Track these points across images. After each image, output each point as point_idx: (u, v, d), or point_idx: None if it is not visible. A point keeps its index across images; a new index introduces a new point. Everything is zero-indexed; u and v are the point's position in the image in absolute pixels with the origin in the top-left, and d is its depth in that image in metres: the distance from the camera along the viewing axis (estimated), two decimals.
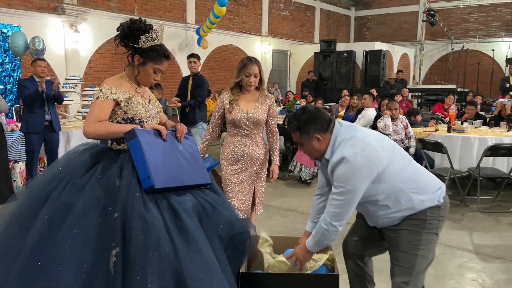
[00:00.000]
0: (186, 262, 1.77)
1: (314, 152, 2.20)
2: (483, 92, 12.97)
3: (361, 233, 2.42)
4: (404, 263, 2.17)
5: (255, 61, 3.12)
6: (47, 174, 2.03)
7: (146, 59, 2.16)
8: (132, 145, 1.99)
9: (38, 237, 1.75)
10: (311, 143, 2.15)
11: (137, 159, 1.97)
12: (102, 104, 2.07)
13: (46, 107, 5.43)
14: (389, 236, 2.23)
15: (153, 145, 2.03)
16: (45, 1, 8.04)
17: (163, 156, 2.05)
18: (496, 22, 14.76)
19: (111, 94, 2.10)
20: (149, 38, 2.13)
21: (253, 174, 3.22)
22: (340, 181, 2.06)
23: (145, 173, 1.93)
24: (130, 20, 2.17)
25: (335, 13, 16.72)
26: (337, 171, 2.06)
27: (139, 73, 2.20)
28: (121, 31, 2.16)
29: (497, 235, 4.22)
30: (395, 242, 2.19)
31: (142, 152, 1.95)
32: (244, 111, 3.13)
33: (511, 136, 5.43)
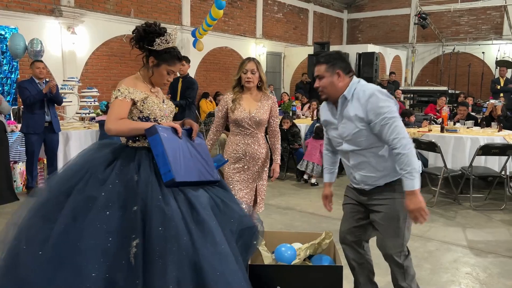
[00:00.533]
0: (203, 253, 1.86)
1: (330, 87, 2.36)
2: (473, 94, 13.19)
3: (353, 220, 2.56)
4: (389, 232, 2.38)
5: (253, 59, 3.28)
6: (69, 170, 2.11)
7: (160, 61, 2.27)
8: (153, 141, 2.09)
9: (64, 228, 1.84)
10: (333, 77, 2.34)
11: (157, 154, 2.06)
12: (121, 103, 2.17)
13: (46, 108, 5.49)
14: (379, 211, 2.39)
15: (172, 141, 2.13)
16: (42, 3, 8.08)
17: (180, 152, 2.15)
18: (486, 25, 15.04)
19: (129, 94, 2.20)
20: (164, 41, 2.24)
21: (255, 172, 3.31)
22: (379, 111, 2.24)
23: (165, 167, 2.02)
24: (146, 23, 2.28)
25: (328, 16, 16.90)
26: (371, 102, 2.25)
27: (153, 74, 2.31)
28: (136, 34, 2.27)
29: (489, 231, 4.36)
30: (383, 214, 2.38)
31: (162, 147, 2.05)
32: (246, 110, 3.22)
33: (502, 136, 5.60)
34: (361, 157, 2.39)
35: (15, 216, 2.08)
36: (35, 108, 5.38)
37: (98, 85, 8.66)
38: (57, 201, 1.95)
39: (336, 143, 2.50)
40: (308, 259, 2.65)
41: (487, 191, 5.59)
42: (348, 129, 2.36)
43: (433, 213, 4.92)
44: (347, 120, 2.36)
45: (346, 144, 2.41)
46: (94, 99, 7.19)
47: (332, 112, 2.46)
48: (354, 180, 2.50)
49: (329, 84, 2.36)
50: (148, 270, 1.80)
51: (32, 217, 1.95)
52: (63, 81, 7.53)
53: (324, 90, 2.39)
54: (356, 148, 2.38)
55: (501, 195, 5.38)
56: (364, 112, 2.28)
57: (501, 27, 14.63)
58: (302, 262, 2.55)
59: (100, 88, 8.11)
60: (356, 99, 2.32)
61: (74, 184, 1.99)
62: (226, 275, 1.87)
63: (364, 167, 2.40)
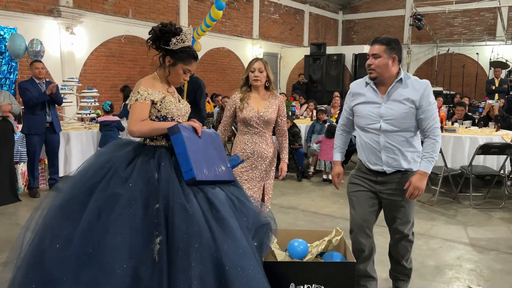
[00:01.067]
0: (225, 249, 1.89)
1: (384, 68, 2.53)
2: (468, 94, 13.34)
3: (368, 206, 2.75)
4: (406, 216, 2.71)
5: (261, 59, 3.34)
6: (90, 168, 2.13)
7: (177, 60, 2.30)
8: (175, 139, 2.13)
9: (89, 226, 1.86)
10: (389, 59, 2.52)
11: (179, 153, 2.10)
12: (141, 105, 2.21)
13: (47, 108, 5.49)
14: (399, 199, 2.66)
15: (193, 141, 2.17)
16: (41, 3, 8.06)
17: (201, 151, 2.19)
18: (480, 27, 15.21)
19: (148, 96, 2.23)
20: (180, 40, 2.27)
21: (263, 171, 3.34)
22: (430, 100, 2.54)
23: (187, 166, 2.06)
24: (161, 23, 2.31)
25: (323, 17, 16.99)
26: (427, 91, 2.54)
27: (170, 73, 2.34)
28: (153, 34, 2.29)
29: (490, 229, 4.44)
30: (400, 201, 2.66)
31: (184, 146, 2.09)
32: (255, 110, 3.25)
33: (500, 136, 5.69)
34: (393, 138, 2.58)
35: (32, 216, 2.10)
36: (36, 109, 5.38)
37: (97, 85, 8.65)
38: (80, 200, 1.97)
39: (370, 121, 2.63)
40: (319, 256, 2.69)
41: (485, 190, 5.68)
42: (395, 110, 2.55)
43: (434, 211, 4.99)
44: (395, 102, 2.56)
45: (384, 124, 2.58)
46: (94, 100, 7.19)
47: (376, 92, 2.62)
48: (378, 162, 2.64)
49: (384, 65, 2.52)
50: (172, 266, 1.83)
51: (56, 216, 1.98)
52: (63, 81, 7.52)
53: (377, 69, 2.54)
54: (394, 129, 2.57)
55: (499, 194, 5.47)
56: (418, 97, 2.52)
57: (495, 28, 14.81)
58: (314, 259, 2.59)
59: (98, 89, 8.09)
60: (411, 85, 2.56)
61: (97, 182, 2.02)
62: (247, 271, 1.90)
63: (392, 148, 2.60)
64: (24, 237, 2.06)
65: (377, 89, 2.61)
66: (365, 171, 2.74)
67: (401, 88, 2.56)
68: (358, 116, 2.70)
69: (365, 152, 2.70)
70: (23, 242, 2.04)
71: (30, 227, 2.07)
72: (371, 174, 2.71)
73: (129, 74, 9.69)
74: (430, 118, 2.53)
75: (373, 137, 2.64)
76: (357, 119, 2.73)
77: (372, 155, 2.66)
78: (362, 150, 2.73)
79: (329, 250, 2.70)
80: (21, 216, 4.79)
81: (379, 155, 2.62)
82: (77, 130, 6.31)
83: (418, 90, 2.53)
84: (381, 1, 17.04)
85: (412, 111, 2.54)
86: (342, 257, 2.64)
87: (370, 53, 2.56)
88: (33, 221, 2.07)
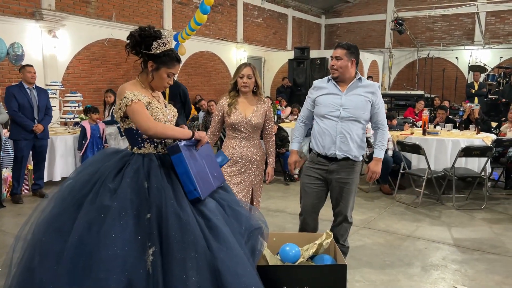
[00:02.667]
0: (220, 257, 1.89)
1: (345, 69, 3.04)
2: (448, 97, 13.63)
3: (316, 197, 3.21)
4: (348, 201, 3.16)
5: (249, 64, 3.34)
6: (78, 181, 2.08)
7: (160, 64, 2.22)
8: (176, 159, 2.09)
9: (79, 240, 1.82)
10: (348, 62, 3.04)
11: (181, 173, 2.07)
12: (138, 106, 2.14)
13: (36, 114, 5.40)
14: (344, 186, 3.12)
15: (192, 157, 2.15)
16: (22, 6, 7.93)
17: (198, 166, 2.18)
18: (458, 31, 15.57)
19: (134, 97, 2.15)
20: (161, 44, 2.20)
21: (251, 175, 3.36)
22: (380, 97, 3.13)
23: (191, 186, 2.04)
24: (140, 28, 2.22)
25: (307, 21, 17.15)
26: (378, 90, 3.11)
27: (153, 78, 2.25)
28: (132, 40, 2.21)
29: (473, 230, 4.55)
30: (346, 188, 3.12)
31: (186, 166, 2.06)
32: (243, 114, 3.27)
33: (481, 138, 5.83)
34: (348, 126, 3.04)
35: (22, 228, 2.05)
36: (25, 115, 5.29)
37: (80, 89, 8.55)
38: (70, 213, 1.93)
39: (331, 109, 3.07)
40: (310, 259, 2.72)
41: (467, 191, 5.81)
42: (353, 101, 3.05)
43: (418, 213, 5.09)
44: (353, 95, 3.07)
45: (344, 112, 3.04)
46: (78, 104, 7.10)
47: (337, 87, 3.10)
48: (332, 146, 3.07)
49: (345, 66, 3.04)
50: (169, 276, 1.81)
51: (44, 231, 1.93)
52: (45, 85, 7.40)
53: (339, 70, 3.05)
54: (350, 116, 3.04)
55: (481, 195, 5.61)
56: (372, 95, 3.08)
57: (473, 33, 15.19)
58: (305, 262, 2.62)
59: (82, 92, 8.00)
60: (367, 84, 3.12)
61: (85, 194, 1.97)
62: (243, 276, 1.91)
63: (345, 135, 3.05)
64: (15, 248, 2.01)
65: (338, 85, 3.11)
66: (317, 161, 3.18)
67: (359, 86, 3.09)
68: (320, 105, 3.14)
69: (321, 138, 3.12)
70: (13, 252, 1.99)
71: (21, 236, 2.02)
72: (323, 163, 3.14)
73: (112, 78, 9.59)
74: (381, 113, 3.13)
75: (331, 124, 3.08)
76: (318, 109, 3.16)
77: (327, 140, 3.08)
78: (319, 137, 3.15)
79: (320, 253, 2.73)
80: (5, 223, 4.70)
81: (334, 140, 3.06)
82: (61, 135, 6.23)
83: (371, 89, 3.09)
84: (363, 6, 17.30)
85: (368, 104, 3.07)
86: (333, 259, 2.67)
87: (334, 56, 3.06)
88: (24, 231, 2.02)
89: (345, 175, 3.11)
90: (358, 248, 3.97)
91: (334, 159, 3.10)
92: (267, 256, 2.66)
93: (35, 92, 5.43)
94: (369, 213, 5.09)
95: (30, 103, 5.34)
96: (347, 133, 3.04)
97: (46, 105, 5.57)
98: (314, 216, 3.26)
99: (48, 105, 5.62)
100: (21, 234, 2.03)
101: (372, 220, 4.83)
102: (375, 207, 5.33)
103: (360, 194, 5.98)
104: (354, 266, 3.53)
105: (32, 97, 5.40)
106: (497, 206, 5.39)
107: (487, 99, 10.65)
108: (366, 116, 3.09)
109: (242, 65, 3.34)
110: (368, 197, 5.82)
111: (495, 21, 14.82)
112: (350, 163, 3.11)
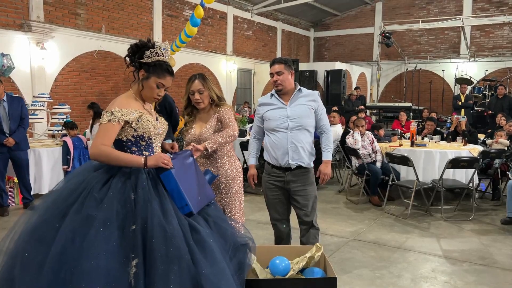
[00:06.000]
0: (204, 272, 1.87)
1: (287, 82, 3.22)
2: (435, 109, 13.82)
3: (283, 206, 3.37)
4: (309, 207, 3.26)
5: (198, 77, 2.98)
6: (64, 190, 2.06)
7: (150, 73, 2.21)
8: (165, 177, 2.09)
9: (62, 250, 1.79)
10: (288, 74, 3.22)
11: (171, 189, 2.07)
12: (112, 128, 2.11)
13: (6, 128, 5.28)
14: (305, 194, 3.25)
15: (180, 173, 2.14)
16: (11, 18, 7.89)
17: (189, 179, 2.18)
18: (445, 45, 15.85)
19: (122, 117, 2.13)
20: (154, 53, 2.21)
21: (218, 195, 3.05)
22: (321, 104, 3.32)
23: (182, 201, 2.05)
24: (140, 40, 2.27)
25: (296, 34, 17.32)
26: (318, 97, 3.31)
27: (143, 87, 2.24)
28: (130, 50, 2.24)
29: (462, 241, 4.57)
30: (305, 195, 3.24)
31: (176, 182, 2.07)
32: (195, 132, 2.98)
33: (468, 150, 5.90)
34: (297, 136, 3.19)
35: (4, 240, 2.02)
36: None
37: (68, 101, 8.48)
38: (54, 223, 1.90)
39: (280, 122, 3.21)
40: (300, 272, 2.71)
41: (455, 202, 5.86)
42: (298, 111, 3.20)
43: (407, 225, 5.11)
44: (298, 104, 3.23)
45: (291, 122, 3.19)
46: (66, 116, 7.04)
47: (280, 101, 3.25)
48: (285, 157, 3.20)
49: (286, 79, 3.21)
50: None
51: (27, 241, 1.90)
52: (33, 97, 7.34)
53: (283, 83, 3.20)
54: (298, 125, 3.19)
55: (469, 206, 5.65)
56: (314, 102, 3.27)
57: (459, 46, 15.47)
58: (295, 275, 2.60)
59: (70, 104, 7.93)
60: (307, 94, 3.28)
61: (70, 204, 1.95)
62: None
63: (296, 144, 3.19)
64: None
65: (281, 98, 3.26)
66: (273, 173, 3.30)
67: (301, 96, 3.26)
68: (269, 120, 3.27)
69: (274, 151, 3.24)
70: None
71: (2, 250, 1.99)
72: (279, 174, 3.27)
73: (101, 90, 9.55)
74: (324, 118, 3.34)
75: (282, 135, 3.21)
76: (268, 123, 3.29)
77: (280, 151, 3.21)
78: (272, 150, 3.26)
79: (310, 266, 2.72)
80: None
81: (286, 150, 3.19)
82: (48, 147, 6.15)
83: (312, 97, 3.27)
84: (351, 19, 17.55)
85: (312, 111, 3.25)
86: (323, 272, 2.66)
87: (274, 71, 3.21)
88: (4, 245, 1.99)
89: (301, 183, 3.25)
90: (348, 260, 3.96)
91: (288, 169, 3.23)
92: (257, 269, 2.64)
93: (6, 104, 5.30)
94: (358, 224, 5.10)
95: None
96: (298, 142, 3.19)
97: (20, 115, 5.41)
98: (284, 222, 3.39)
99: (22, 114, 5.44)
100: (3, 248, 1.99)
101: (361, 232, 4.83)
102: (364, 219, 5.34)
103: (350, 205, 5.99)
104: (344, 279, 3.52)
105: (1, 110, 5.26)
106: (485, 217, 5.44)
107: (473, 111, 10.82)
108: (312, 123, 3.27)
109: (191, 78, 2.99)
110: (357, 208, 5.83)
111: (480, 34, 15.12)
112: (303, 171, 3.25)
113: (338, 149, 7.28)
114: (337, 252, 4.16)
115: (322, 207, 5.77)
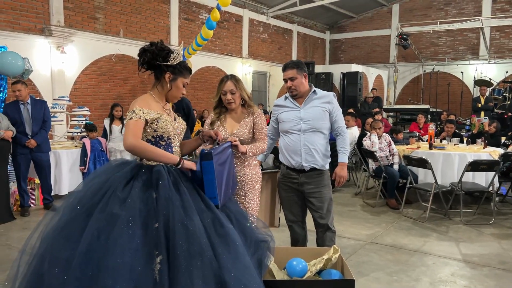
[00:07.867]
0: (227, 266, 1.90)
1: (301, 86, 3.19)
2: (454, 112, 13.61)
3: (298, 207, 3.34)
4: (325, 209, 3.23)
5: (231, 77, 3.00)
6: (89, 189, 2.12)
7: (177, 75, 2.38)
8: (207, 166, 2.19)
9: (88, 247, 1.84)
10: (302, 78, 3.19)
11: (207, 179, 2.17)
12: (135, 123, 2.22)
13: (29, 130, 5.40)
14: (320, 196, 3.22)
15: (218, 167, 2.24)
16: (32, 22, 8.07)
17: (222, 173, 2.27)
18: (463, 46, 15.61)
19: (143, 115, 2.25)
20: (177, 55, 2.36)
21: (241, 198, 2.97)
22: (337, 106, 3.27)
23: (212, 193, 2.15)
24: (150, 43, 2.36)
25: (311, 36, 17.29)
26: (333, 99, 3.26)
27: (171, 88, 2.39)
28: (148, 54, 2.31)
29: (482, 245, 4.49)
30: (320, 198, 3.22)
31: (213, 174, 2.16)
32: (228, 131, 2.96)
33: (488, 153, 5.80)
34: (311, 138, 3.18)
35: (28, 239, 2.07)
36: (17, 130, 5.32)
37: (87, 104, 8.63)
38: (79, 221, 1.96)
39: (293, 124, 3.20)
40: (317, 274, 2.70)
41: (475, 206, 5.76)
42: (312, 113, 3.18)
43: (425, 228, 5.04)
44: (312, 107, 3.20)
45: (304, 124, 3.18)
46: (85, 118, 7.16)
47: (294, 103, 3.24)
48: (298, 159, 3.19)
49: (300, 83, 3.18)
50: (175, 285, 1.83)
51: (55, 238, 1.96)
52: (53, 100, 7.48)
53: (297, 88, 3.18)
54: (311, 128, 3.17)
55: (489, 210, 5.55)
56: (328, 104, 3.22)
57: (478, 48, 15.22)
58: (312, 277, 2.59)
59: (89, 107, 8.07)
60: (322, 95, 3.24)
61: (95, 203, 2.01)
62: (249, 286, 1.91)
63: (309, 146, 3.17)
64: (20, 261, 2.03)
65: (295, 101, 3.24)
66: (288, 174, 3.28)
67: (315, 98, 3.22)
68: (283, 122, 3.28)
69: (288, 153, 3.24)
70: (19, 266, 2.01)
71: (26, 250, 2.04)
72: (293, 176, 3.25)
73: (119, 93, 9.69)
74: (340, 120, 3.28)
75: (295, 137, 3.21)
76: (282, 125, 3.30)
77: (293, 153, 3.21)
78: (286, 152, 3.27)
79: (327, 268, 2.71)
80: (11, 237, 4.70)
81: (300, 153, 3.18)
82: (68, 149, 6.27)
83: (327, 99, 3.23)
84: (367, 21, 17.43)
85: (326, 113, 3.21)
86: (340, 274, 2.65)
87: (287, 77, 3.18)
88: (29, 244, 2.05)
89: (315, 185, 3.23)
90: (365, 264, 3.93)
91: (302, 170, 3.22)
92: (274, 270, 2.64)
93: (29, 106, 5.43)
94: (375, 228, 5.05)
95: (22, 119, 5.35)
96: (311, 145, 3.18)
97: (43, 117, 5.53)
98: (300, 224, 3.38)
99: (45, 117, 5.56)
100: (26, 248, 2.06)
101: (379, 235, 4.79)
102: (381, 222, 5.29)
103: (366, 208, 5.94)
104: (361, 282, 3.49)
105: (25, 112, 5.39)
106: (506, 221, 5.33)
107: (494, 113, 10.63)
108: (326, 125, 3.23)
109: (223, 79, 3.00)
110: (374, 212, 5.78)
111: (499, 35, 14.86)
112: (317, 173, 3.23)
113: (354, 151, 7.24)
114: (354, 255, 4.13)
115: (339, 210, 5.73)
